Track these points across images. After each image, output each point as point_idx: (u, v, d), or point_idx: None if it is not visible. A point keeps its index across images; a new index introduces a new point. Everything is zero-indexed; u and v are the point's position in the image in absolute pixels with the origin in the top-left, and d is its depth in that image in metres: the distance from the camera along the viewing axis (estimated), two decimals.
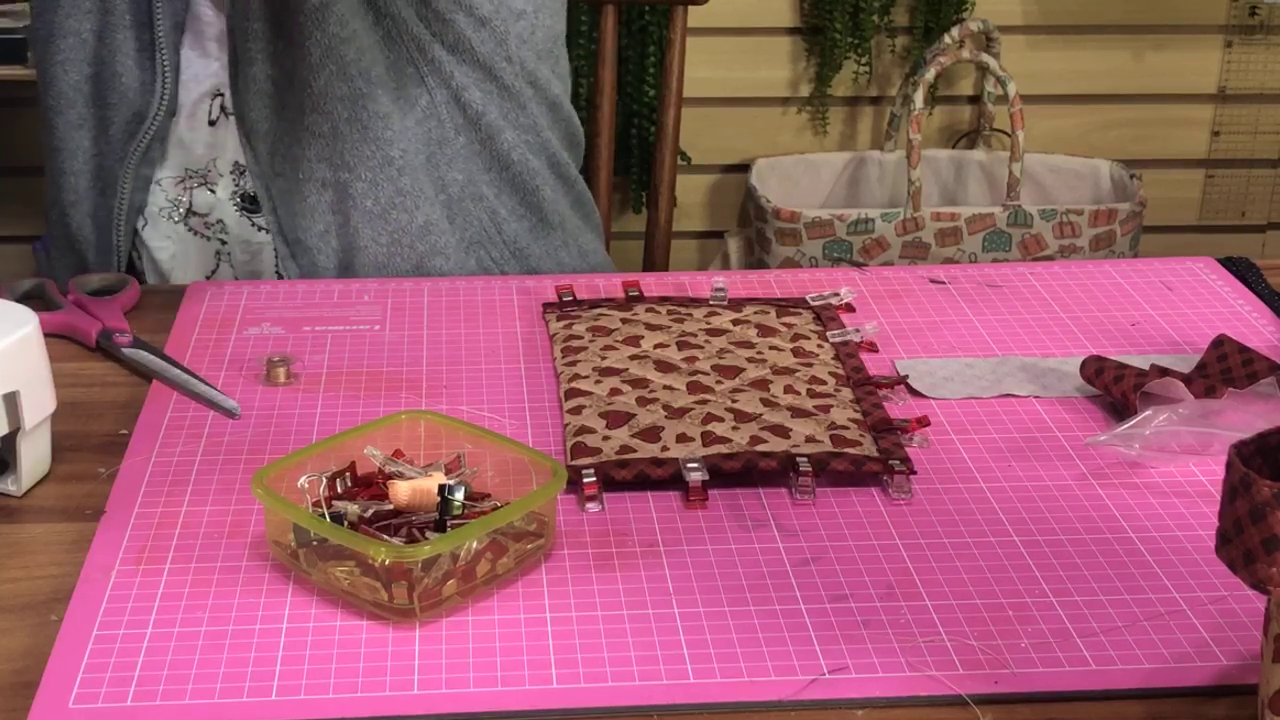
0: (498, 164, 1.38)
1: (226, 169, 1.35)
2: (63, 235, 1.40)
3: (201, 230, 1.35)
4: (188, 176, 1.35)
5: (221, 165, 1.35)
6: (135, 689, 0.77)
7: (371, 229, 1.32)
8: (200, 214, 1.35)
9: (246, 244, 1.35)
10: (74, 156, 1.37)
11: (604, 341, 1.12)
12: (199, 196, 1.35)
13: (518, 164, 1.39)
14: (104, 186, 1.35)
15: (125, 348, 1.11)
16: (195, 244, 1.36)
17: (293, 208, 1.32)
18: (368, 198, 1.31)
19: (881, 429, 1.01)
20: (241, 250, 1.35)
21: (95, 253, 1.37)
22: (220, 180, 1.35)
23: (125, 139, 1.34)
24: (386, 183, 1.31)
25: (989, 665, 0.79)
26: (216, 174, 1.35)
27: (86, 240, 1.37)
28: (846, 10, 2.58)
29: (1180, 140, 2.77)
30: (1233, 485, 0.66)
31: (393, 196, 1.32)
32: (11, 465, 0.94)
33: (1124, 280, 1.27)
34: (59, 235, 1.40)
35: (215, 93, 1.35)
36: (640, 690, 0.77)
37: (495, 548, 0.85)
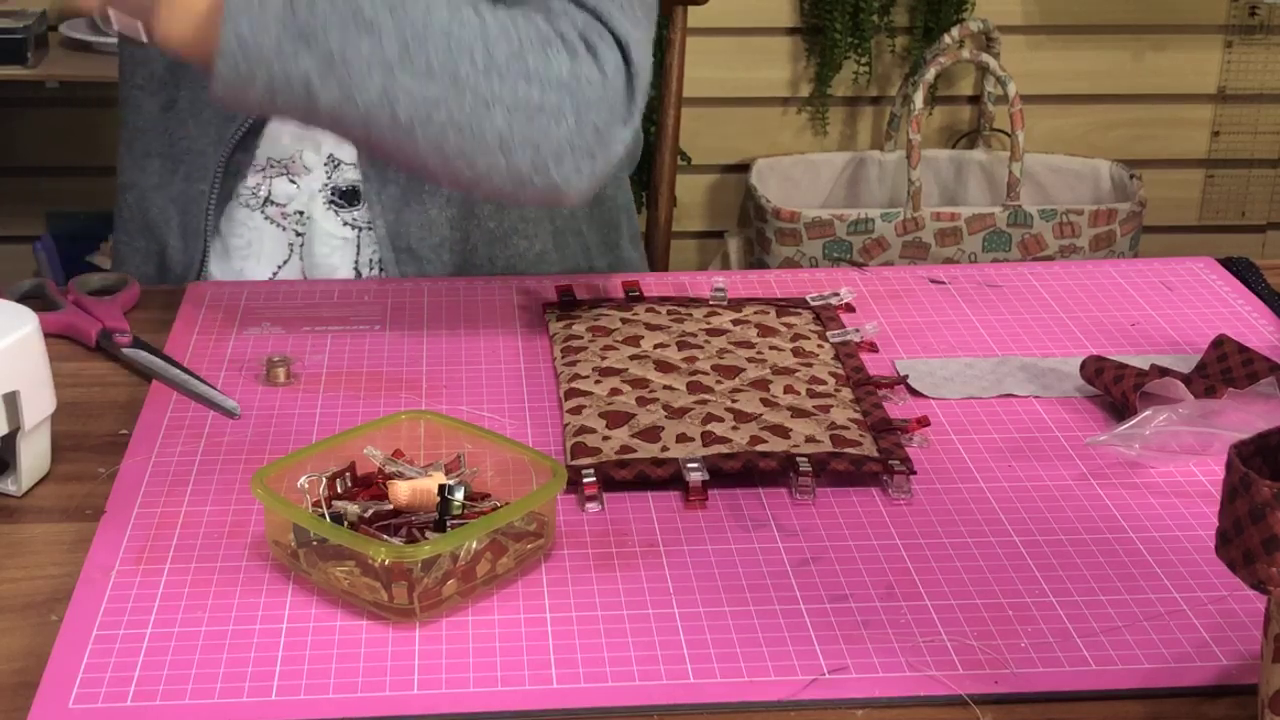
0: (594, 199, 1.38)
1: (318, 162, 1.32)
2: (139, 220, 1.37)
3: (278, 220, 1.33)
4: (269, 165, 1.33)
5: (310, 159, 1.32)
6: (135, 689, 0.77)
7: (489, 250, 1.32)
8: (279, 204, 1.33)
9: (329, 237, 1.32)
10: (160, 139, 1.34)
11: (604, 341, 1.12)
12: (279, 186, 1.33)
13: (609, 200, 1.40)
14: (189, 171, 1.33)
15: (125, 348, 1.11)
16: (270, 233, 1.33)
17: (405, 216, 1.30)
18: (492, 220, 1.31)
19: (881, 429, 1.01)
20: (322, 244, 1.32)
21: (177, 237, 1.35)
22: (307, 173, 1.32)
23: (222, 123, 1.31)
24: (513, 208, 1.31)
25: (989, 665, 0.79)
26: (302, 166, 1.32)
27: (168, 225, 1.35)
28: (846, 10, 2.58)
29: (1180, 140, 2.77)
30: (1233, 485, 0.66)
31: (515, 222, 1.32)
32: (11, 465, 0.94)
33: (1124, 280, 1.27)
34: (133, 220, 1.38)
35: None
36: (640, 690, 0.77)
37: (495, 548, 0.85)
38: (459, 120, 1.03)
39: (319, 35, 0.99)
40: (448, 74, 1.02)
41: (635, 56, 1.09)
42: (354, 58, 1.00)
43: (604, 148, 1.08)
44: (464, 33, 1.02)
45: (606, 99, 1.07)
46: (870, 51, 2.63)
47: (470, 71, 1.02)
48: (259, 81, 1.00)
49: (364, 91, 1.01)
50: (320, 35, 0.99)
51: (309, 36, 0.99)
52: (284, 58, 0.99)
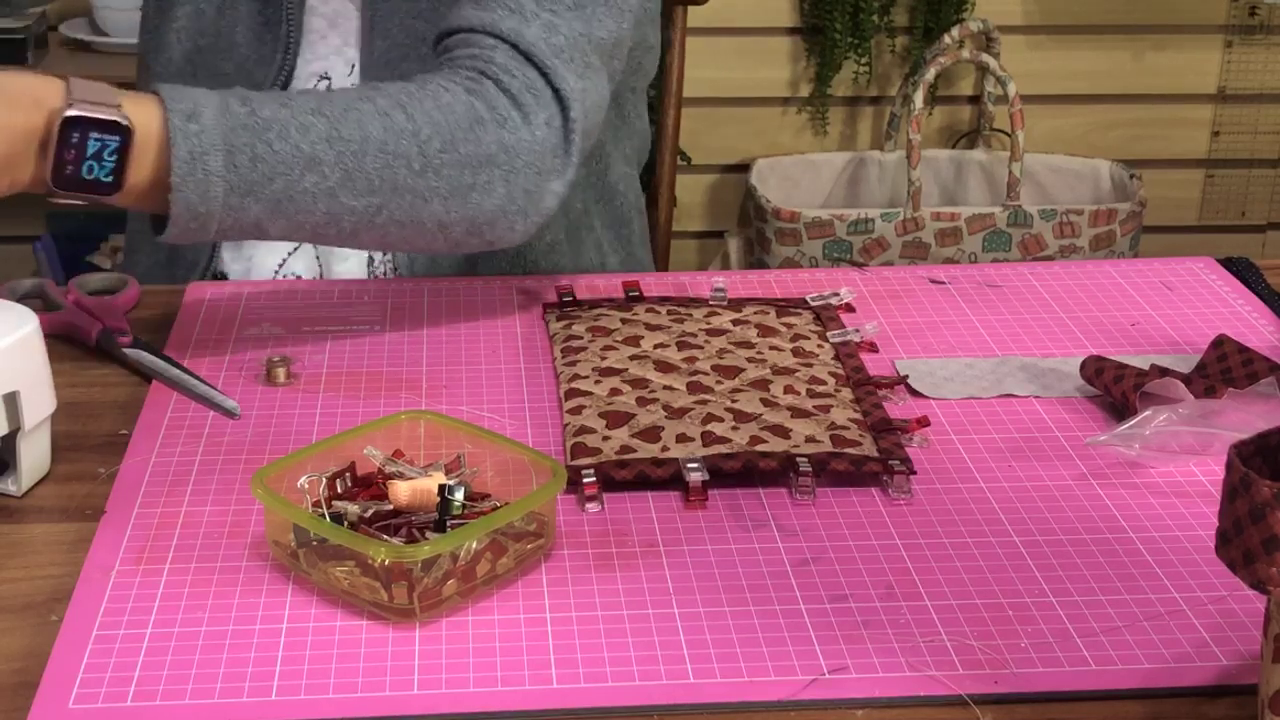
0: (605, 196, 1.39)
1: None
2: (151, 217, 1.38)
3: None
4: None
5: None
6: (135, 689, 0.77)
7: None
8: None
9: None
10: None
11: (604, 341, 1.12)
12: None
13: (620, 196, 1.41)
14: None
15: (125, 348, 1.11)
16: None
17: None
18: None
19: (881, 429, 1.01)
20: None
21: None
22: None
23: None
24: None
25: (989, 665, 0.79)
26: None
27: None
28: (846, 10, 2.58)
29: (1180, 140, 2.77)
30: (1233, 485, 0.66)
31: None
32: (11, 465, 0.94)
33: (1124, 280, 1.27)
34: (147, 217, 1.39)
35: (323, 75, 1.32)
36: (640, 690, 0.77)
37: (495, 548, 0.85)
38: (399, 218, 1.08)
39: (263, 185, 1.02)
40: (387, 185, 1.06)
41: (574, 111, 1.13)
42: (299, 195, 1.03)
43: (536, 204, 1.12)
44: (399, 143, 1.06)
45: (536, 161, 1.11)
46: (870, 51, 2.63)
47: (407, 175, 1.06)
48: (211, 231, 1.03)
49: (310, 218, 1.05)
50: (264, 185, 1.02)
51: (254, 189, 1.02)
52: (232, 210, 1.02)
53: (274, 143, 1.02)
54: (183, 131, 0.99)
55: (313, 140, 1.03)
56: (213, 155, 1.00)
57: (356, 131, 1.05)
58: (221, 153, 1.00)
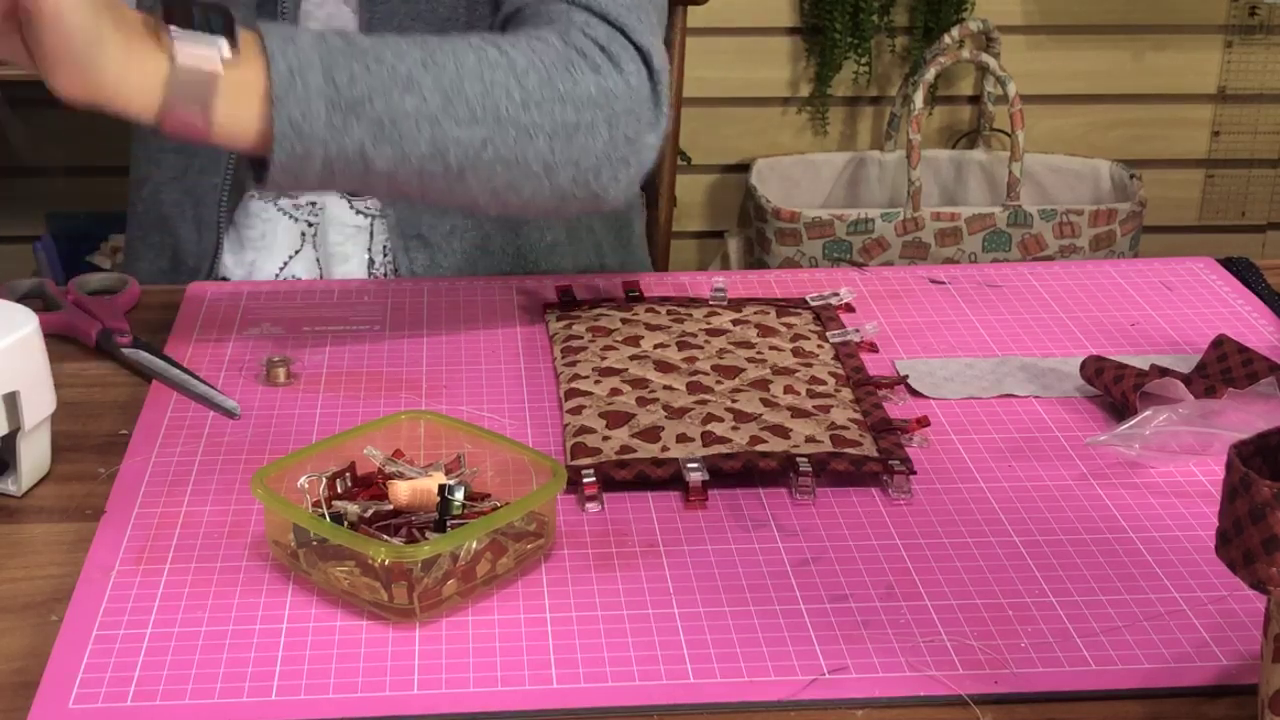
0: None
1: None
2: (153, 214, 1.38)
3: (290, 210, 1.34)
4: None
5: None
6: (135, 689, 0.77)
7: (503, 238, 1.33)
8: (291, 195, 1.34)
9: (342, 226, 1.33)
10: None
11: (604, 341, 1.12)
12: None
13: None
14: (203, 164, 1.33)
15: (125, 348, 1.11)
16: (283, 224, 1.34)
17: (417, 204, 1.30)
18: None
19: (881, 429, 1.01)
20: (335, 232, 1.33)
21: (191, 230, 1.35)
22: None
23: None
24: None
25: (989, 665, 0.79)
26: None
27: (182, 218, 1.35)
28: (846, 10, 2.58)
29: (1180, 140, 2.77)
30: (1233, 485, 0.66)
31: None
32: (11, 465, 0.94)
33: (1124, 280, 1.27)
34: (147, 214, 1.38)
35: None
36: (640, 690, 0.77)
37: (495, 548, 0.85)
38: (505, 155, 1.05)
39: (365, 104, 1.00)
40: (490, 114, 1.04)
41: (656, 63, 1.12)
42: (401, 118, 1.01)
43: (637, 154, 1.11)
44: (495, 73, 1.05)
45: (634, 108, 1.10)
46: (870, 51, 2.63)
47: (509, 107, 1.05)
48: (315, 160, 1.01)
49: (416, 147, 1.03)
50: (366, 104, 1.00)
51: (356, 107, 1.00)
52: (336, 132, 1.00)
53: (370, 65, 1.01)
54: (280, 51, 0.98)
55: (409, 64, 1.02)
56: (311, 72, 0.99)
57: (451, 59, 1.04)
58: (319, 70, 0.99)
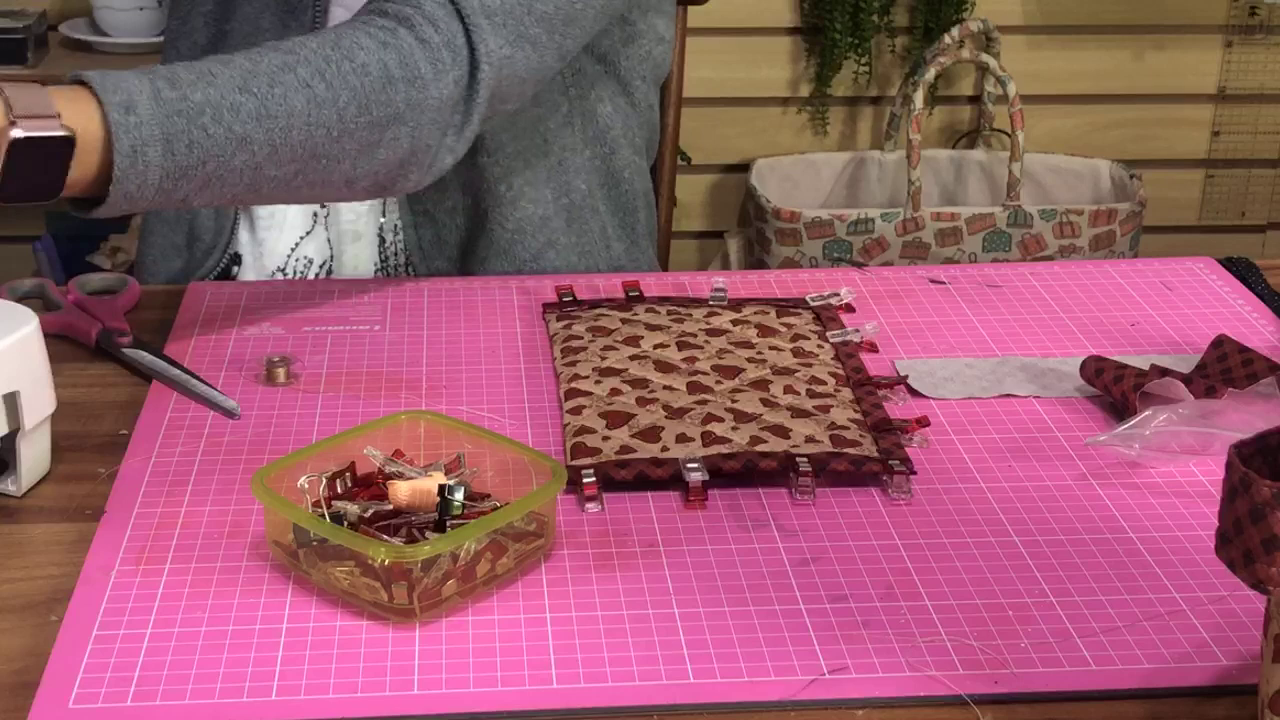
0: (611, 180, 1.40)
1: None
2: None
3: None
4: None
5: None
6: (135, 689, 0.77)
7: (500, 214, 1.33)
8: None
9: (355, 204, 1.34)
10: None
11: (604, 341, 1.12)
12: None
13: (626, 183, 1.41)
14: None
15: (125, 348, 1.11)
16: (295, 205, 1.35)
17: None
18: (501, 183, 1.33)
19: (881, 429, 1.01)
20: (349, 210, 1.34)
21: (206, 216, 1.36)
22: None
23: None
24: (519, 172, 1.34)
25: (989, 665, 0.79)
26: None
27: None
28: (846, 10, 2.58)
29: (1180, 140, 2.77)
30: (1233, 485, 0.66)
31: (523, 186, 1.33)
32: (11, 465, 0.94)
33: (1124, 280, 1.27)
34: None
35: None
36: (640, 690, 0.77)
37: (495, 548, 0.85)
38: (313, 179, 1.10)
39: (197, 168, 1.02)
40: (307, 153, 1.07)
41: (484, 72, 1.14)
42: (228, 174, 1.04)
43: (434, 157, 1.15)
44: (320, 113, 1.07)
45: (440, 116, 1.13)
46: (870, 51, 2.63)
47: (325, 142, 1.08)
48: (140, 207, 1.03)
49: (235, 189, 1.06)
50: (198, 168, 1.02)
51: (187, 172, 1.02)
52: (164, 193, 1.02)
53: (208, 126, 1.02)
54: (123, 125, 0.98)
55: (243, 120, 1.04)
56: (152, 146, 0.99)
57: (283, 107, 1.05)
58: (160, 143, 1.00)
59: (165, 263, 1.38)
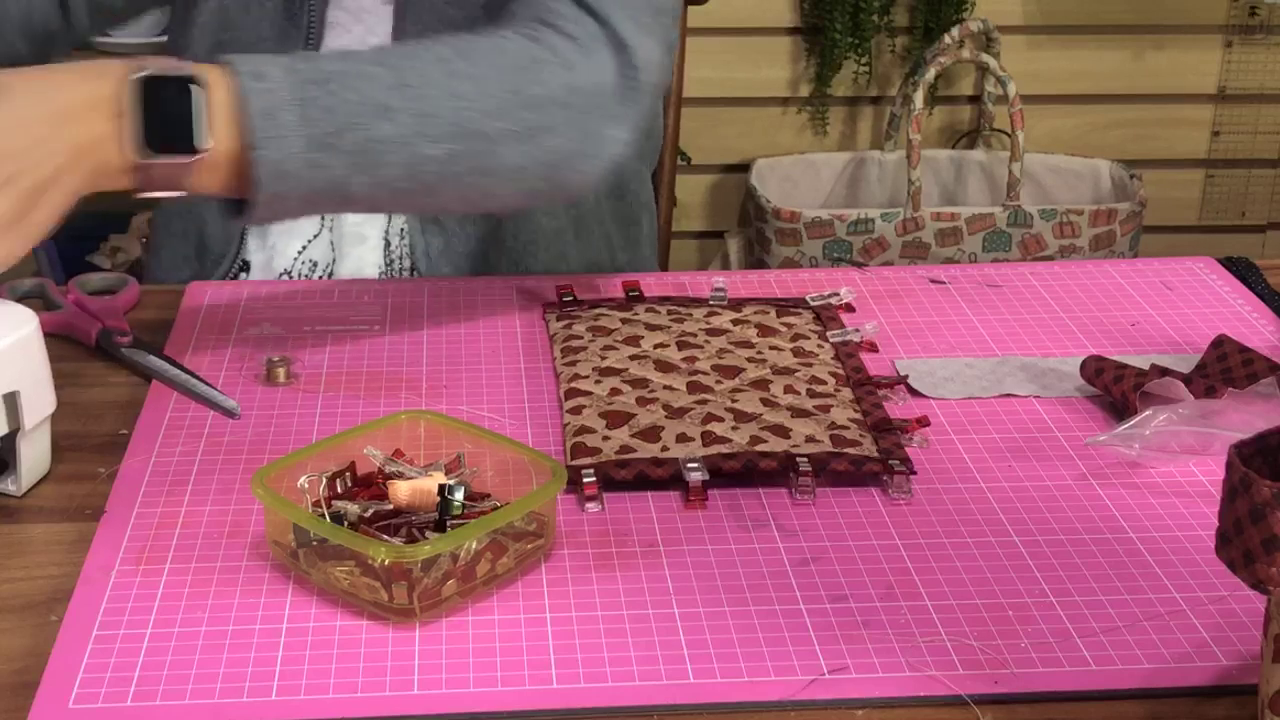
0: (617, 191, 1.40)
1: None
2: (178, 208, 1.38)
3: None
4: None
5: None
6: (135, 689, 0.77)
7: (514, 225, 1.33)
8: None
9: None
10: None
11: (604, 341, 1.12)
12: None
13: (631, 194, 1.41)
14: None
15: (125, 348, 1.11)
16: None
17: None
18: None
19: (881, 429, 1.01)
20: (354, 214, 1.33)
21: (215, 218, 1.35)
22: None
23: None
24: None
25: (989, 665, 0.79)
26: None
27: (207, 206, 1.34)
28: (846, 10, 2.58)
29: (1180, 140, 2.77)
30: (1233, 485, 0.66)
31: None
32: (11, 465, 0.94)
33: (1124, 280, 1.27)
34: (174, 209, 1.39)
35: None
36: (640, 690, 0.77)
37: (495, 548, 0.85)
38: (476, 165, 1.07)
39: (340, 138, 1.01)
40: (460, 129, 1.05)
41: (637, 58, 1.12)
42: (376, 147, 1.02)
43: (601, 147, 1.11)
44: (464, 87, 1.05)
45: (599, 103, 1.11)
46: (870, 51, 2.63)
47: (476, 117, 1.05)
48: (294, 197, 1.02)
49: (391, 171, 1.04)
50: (341, 137, 1.01)
51: (331, 142, 1.01)
52: (314, 168, 1.01)
53: (342, 93, 1.01)
54: (254, 90, 0.98)
55: (381, 89, 1.03)
56: (287, 110, 0.99)
57: (421, 78, 1.04)
58: (295, 106, 0.99)
59: (175, 273, 1.38)
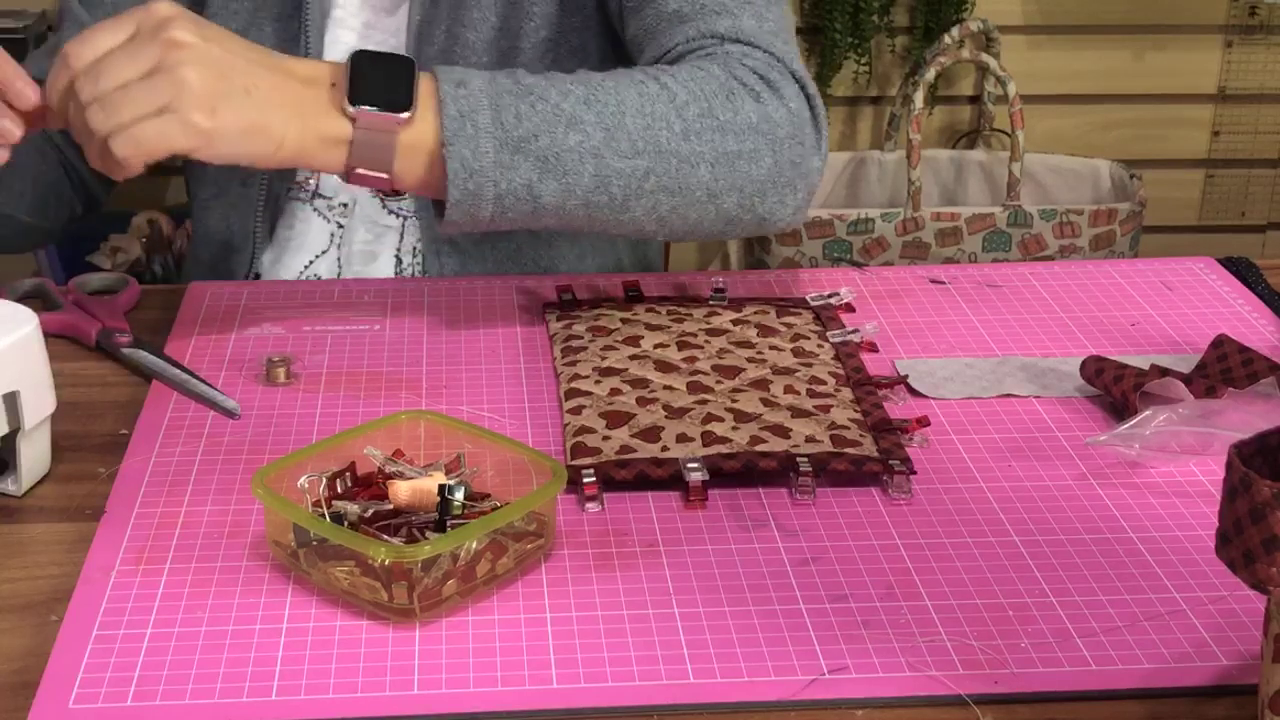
0: None
1: None
2: (201, 225, 1.40)
3: (324, 211, 1.35)
4: None
5: None
6: (135, 689, 0.77)
7: (534, 250, 1.33)
8: (326, 196, 1.35)
9: (372, 224, 1.34)
10: None
11: (604, 341, 1.12)
12: (327, 179, 1.34)
13: None
14: (245, 176, 1.34)
15: (125, 348, 1.11)
16: (315, 223, 1.35)
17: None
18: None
19: (881, 429, 1.01)
20: (365, 230, 1.34)
21: (238, 238, 1.36)
22: None
23: None
24: None
25: (989, 665, 0.79)
26: None
27: (230, 230, 1.36)
28: (846, 10, 2.58)
29: (1180, 140, 2.77)
30: (1233, 485, 0.66)
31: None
32: (11, 465, 0.94)
33: (1124, 280, 1.27)
34: (201, 230, 1.40)
35: None
36: (640, 690, 0.77)
37: (495, 548, 0.85)
38: (668, 184, 1.09)
39: (530, 142, 1.05)
40: (651, 146, 1.08)
41: (811, 89, 1.16)
42: (565, 154, 1.06)
43: (804, 178, 1.14)
44: (655, 106, 1.09)
45: (796, 133, 1.13)
46: (870, 51, 2.62)
47: (670, 138, 1.09)
48: (487, 197, 1.06)
49: (580, 180, 1.07)
50: (531, 141, 1.05)
51: (522, 145, 1.05)
52: (504, 169, 1.05)
53: (535, 103, 1.06)
54: (452, 96, 1.04)
55: (573, 102, 1.07)
56: (480, 113, 1.04)
57: (613, 95, 1.08)
58: (488, 111, 1.04)
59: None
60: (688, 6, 1.19)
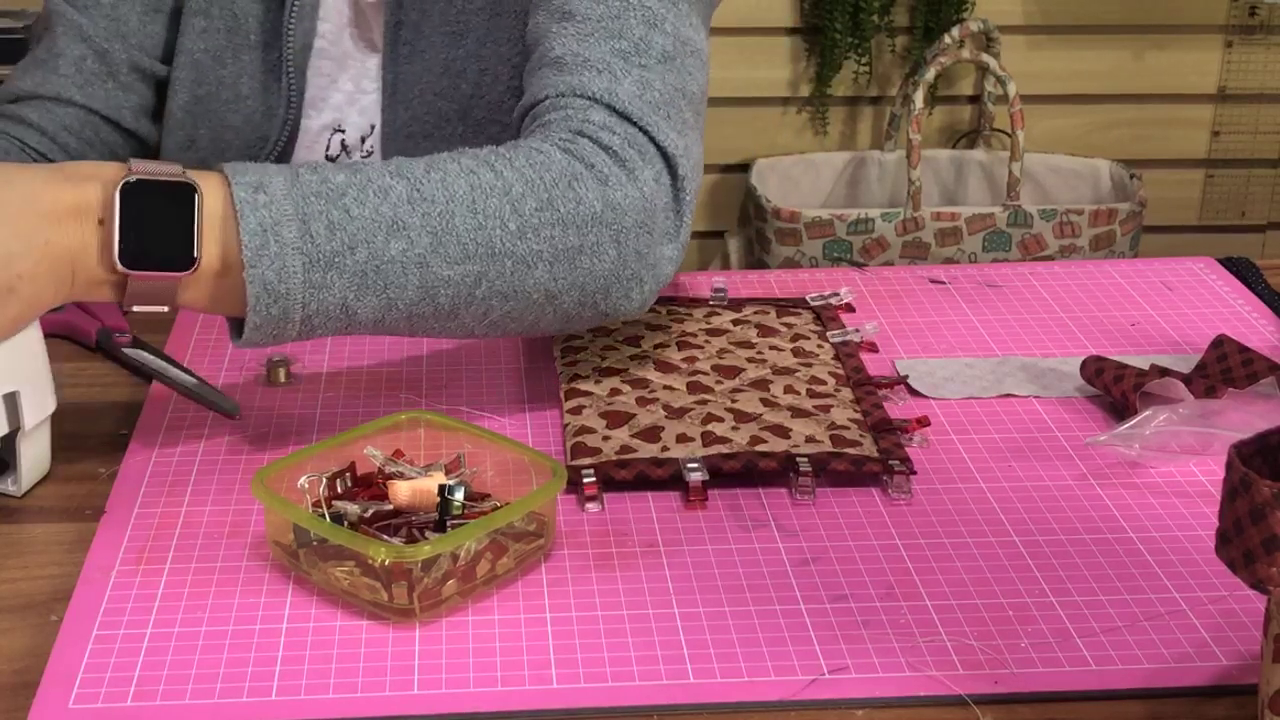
0: None
1: None
2: None
3: None
4: None
5: None
6: (135, 689, 0.77)
7: None
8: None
9: None
10: None
11: (604, 341, 1.12)
12: None
13: None
14: None
15: (125, 348, 1.11)
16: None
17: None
18: None
19: (881, 429, 1.01)
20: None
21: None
22: None
23: (244, 158, 1.26)
24: None
25: (989, 665, 0.79)
26: None
27: None
28: (846, 10, 2.58)
29: (1180, 140, 2.77)
30: (1233, 485, 0.66)
31: None
32: (11, 465, 0.94)
33: (1124, 280, 1.27)
34: None
35: (336, 127, 1.28)
36: (640, 690, 0.77)
37: (495, 548, 0.85)
38: (501, 289, 0.97)
39: (345, 256, 0.92)
40: (483, 249, 0.96)
41: (681, 166, 1.04)
42: (386, 266, 0.93)
43: (649, 269, 1.02)
44: (488, 201, 0.96)
45: (645, 220, 1.01)
46: (870, 51, 2.63)
47: (504, 238, 0.96)
48: (294, 320, 0.92)
49: (403, 293, 0.94)
50: (346, 255, 0.92)
51: (336, 261, 0.91)
52: (315, 289, 0.91)
53: (351, 208, 0.92)
54: (250, 203, 0.90)
55: (394, 202, 0.93)
56: (285, 225, 0.90)
57: (441, 191, 0.95)
58: (295, 222, 0.90)
59: None
60: (570, 57, 1.06)
